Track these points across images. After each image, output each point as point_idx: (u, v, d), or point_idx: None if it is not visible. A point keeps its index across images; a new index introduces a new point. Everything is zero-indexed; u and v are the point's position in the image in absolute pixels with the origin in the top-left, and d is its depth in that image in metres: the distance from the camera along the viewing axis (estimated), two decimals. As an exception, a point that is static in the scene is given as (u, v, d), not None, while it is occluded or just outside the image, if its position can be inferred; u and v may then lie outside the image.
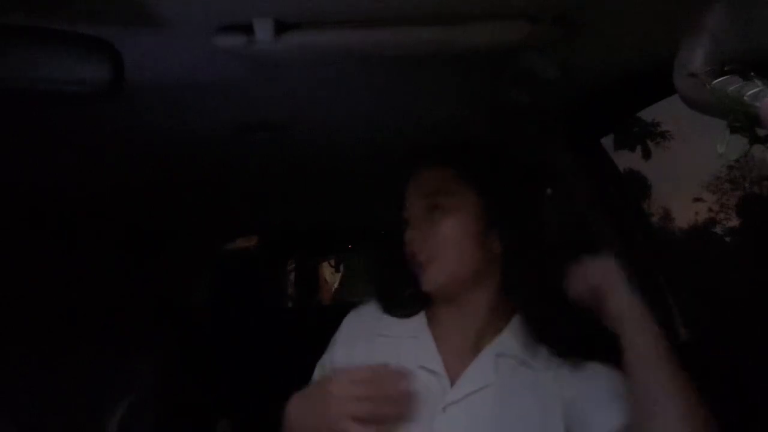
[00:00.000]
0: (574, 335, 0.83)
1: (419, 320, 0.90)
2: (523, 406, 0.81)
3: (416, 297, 0.89)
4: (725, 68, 0.62)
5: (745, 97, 0.58)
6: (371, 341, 0.89)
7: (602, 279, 0.77)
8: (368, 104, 1.20)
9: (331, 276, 5.18)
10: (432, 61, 0.98)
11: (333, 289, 5.15)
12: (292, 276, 4.27)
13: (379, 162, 1.42)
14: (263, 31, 0.79)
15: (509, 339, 0.85)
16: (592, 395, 0.79)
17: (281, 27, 0.80)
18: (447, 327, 0.87)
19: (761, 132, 0.59)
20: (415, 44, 0.85)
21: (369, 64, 0.98)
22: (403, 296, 0.90)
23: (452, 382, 0.83)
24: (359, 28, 0.81)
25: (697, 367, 0.76)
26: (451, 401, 0.81)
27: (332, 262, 5.13)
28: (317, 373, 0.94)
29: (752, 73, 0.59)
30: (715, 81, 0.62)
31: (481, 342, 0.85)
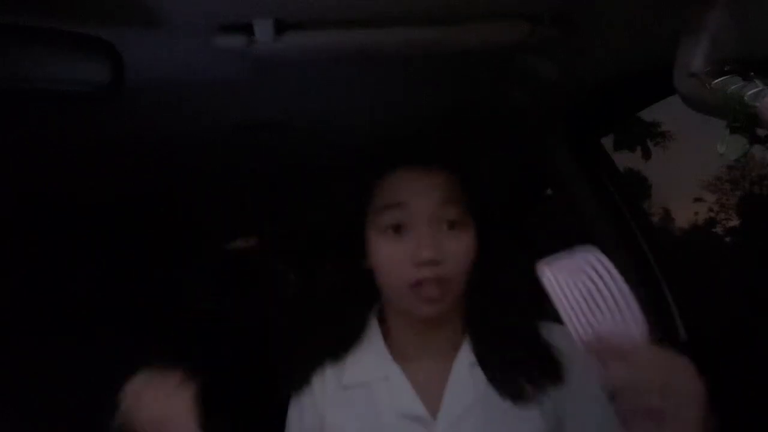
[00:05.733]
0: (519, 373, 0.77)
1: (381, 352, 0.81)
2: (507, 415, 0.75)
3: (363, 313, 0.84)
4: (725, 68, 0.62)
5: (745, 97, 0.58)
6: (340, 397, 0.80)
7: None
8: (368, 104, 1.20)
9: (331, 276, 5.16)
10: (432, 60, 0.98)
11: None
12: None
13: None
14: (263, 31, 0.79)
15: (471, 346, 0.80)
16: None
17: (281, 27, 0.80)
18: (410, 350, 0.80)
19: (761, 132, 0.59)
20: (415, 44, 0.85)
21: (368, 64, 0.98)
22: (355, 316, 0.83)
23: (434, 415, 0.76)
24: (359, 28, 0.81)
25: (697, 366, 0.76)
26: None
27: (332, 261, 5.11)
28: None
29: (752, 73, 0.60)
30: (715, 81, 0.62)
31: (448, 355, 0.79)
